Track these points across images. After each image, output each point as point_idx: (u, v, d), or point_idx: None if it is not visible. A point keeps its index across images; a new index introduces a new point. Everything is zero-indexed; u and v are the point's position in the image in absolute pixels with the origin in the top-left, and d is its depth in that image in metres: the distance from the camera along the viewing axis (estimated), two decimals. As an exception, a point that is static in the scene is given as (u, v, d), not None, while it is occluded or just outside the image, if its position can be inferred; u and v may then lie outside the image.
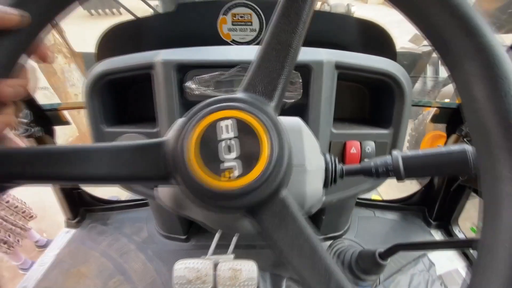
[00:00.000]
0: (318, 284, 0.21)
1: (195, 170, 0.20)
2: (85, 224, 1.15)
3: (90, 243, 1.09)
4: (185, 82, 0.48)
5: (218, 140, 0.21)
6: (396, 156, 0.31)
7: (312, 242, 0.22)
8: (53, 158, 0.22)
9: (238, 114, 0.21)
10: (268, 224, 0.22)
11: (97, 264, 1.02)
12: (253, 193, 0.20)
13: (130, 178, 0.23)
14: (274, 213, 0.22)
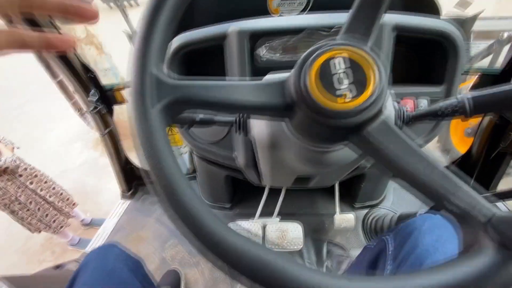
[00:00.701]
0: (436, 180, 0.24)
1: (317, 96, 0.26)
2: (138, 196, 1.27)
3: (144, 212, 1.20)
4: (256, 50, 0.54)
5: (333, 73, 0.26)
6: (462, 96, 0.36)
7: (417, 147, 0.27)
8: (217, 87, 0.28)
9: (347, 51, 0.27)
10: (376, 138, 0.27)
11: (153, 229, 1.14)
12: (364, 112, 0.26)
13: (265, 108, 0.29)
14: (380, 129, 0.27)
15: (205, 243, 0.22)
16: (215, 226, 0.23)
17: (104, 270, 0.47)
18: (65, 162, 2.88)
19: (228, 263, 0.22)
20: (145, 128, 0.24)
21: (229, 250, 0.22)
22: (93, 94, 0.91)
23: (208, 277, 0.98)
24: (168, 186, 0.23)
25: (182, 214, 0.23)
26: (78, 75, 0.86)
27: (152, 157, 0.24)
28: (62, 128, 3.35)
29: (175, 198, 0.23)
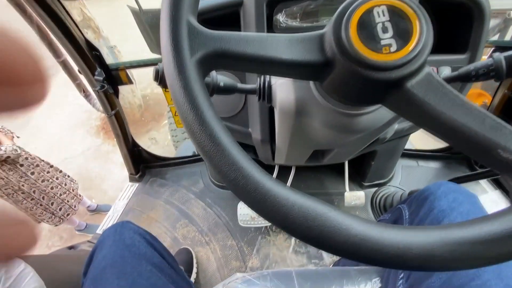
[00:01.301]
0: (487, 130, 0.23)
1: (360, 48, 0.25)
2: (146, 178, 1.27)
3: (153, 193, 1.21)
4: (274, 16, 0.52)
5: (375, 24, 0.25)
6: (498, 56, 0.34)
7: (464, 98, 0.25)
8: (255, 41, 0.27)
9: (388, 1, 0.25)
10: (420, 91, 0.25)
11: (163, 210, 1.14)
12: (408, 64, 0.24)
13: (303, 64, 0.27)
14: (424, 82, 0.25)
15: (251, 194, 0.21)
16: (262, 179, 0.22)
17: (123, 243, 0.47)
18: (68, 149, 2.87)
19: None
20: (184, 80, 0.23)
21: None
22: (99, 73, 0.89)
23: (220, 254, 0.99)
24: (214, 137, 0.22)
25: (230, 168, 0.22)
26: (83, 53, 0.83)
27: (192, 110, 0.23)
28: (63, 115, 3.33)
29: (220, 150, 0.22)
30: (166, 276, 0.43)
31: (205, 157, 0.23)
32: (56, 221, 1.77)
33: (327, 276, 0.45)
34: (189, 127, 0.23)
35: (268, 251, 1.00)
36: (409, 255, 0.19)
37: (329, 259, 0.95)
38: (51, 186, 1.63)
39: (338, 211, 0.21)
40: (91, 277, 0.43)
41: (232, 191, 0.22)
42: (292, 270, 0.46)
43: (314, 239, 0.21)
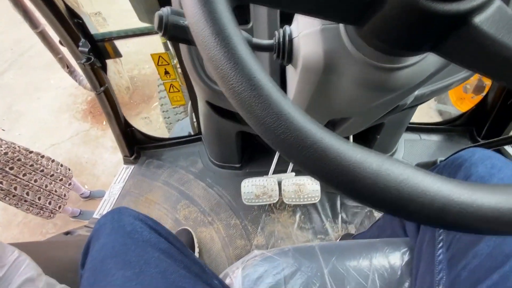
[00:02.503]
0: None
1: None
2: (141, 160, 1.21)
3: (150, 175, 1.16)
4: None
5: None
6: None
7: None
8: None
9: None
10: (491, 29, 0.21)
11: (162, 192, 1.10)
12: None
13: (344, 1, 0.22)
14: (497, 16, 0.21)
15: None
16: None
17: (123, 230, 0.42)
18: (54, 135, 2.75)
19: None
20: (209, 5, 0.18)
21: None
22: (84, 44, 0.80)
23: (224, 234, 0.97)
24: (252, 80, 0.18)
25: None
26: (64, 21, 0.74)
27: (222, 45, 0.18)
28: (46, 99, 3.15)
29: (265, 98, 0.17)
30: (177, 261, 0.39)
31: (241, 105, 0.18)
32: (46, 215, 1.65)
33: (351, 249, 0.42)
34: (218, 67, 0.18)
35: (273, 228, 0.98)
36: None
37: (334, 234, 0.95)
38: (34, 178, 1.49)
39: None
40: (90, 268, 0.39)
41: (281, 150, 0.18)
42: (315, 245, 0.43)
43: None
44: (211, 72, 0.19)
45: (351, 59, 0.32)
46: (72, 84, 3.29)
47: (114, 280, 0.34)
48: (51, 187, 1.62)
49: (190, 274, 0.38)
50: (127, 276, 0.34)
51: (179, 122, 1.73)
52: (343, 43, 0.32)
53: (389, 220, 0.55)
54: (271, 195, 0.91)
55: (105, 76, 0.94)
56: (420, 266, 0.38)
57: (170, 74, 0.99)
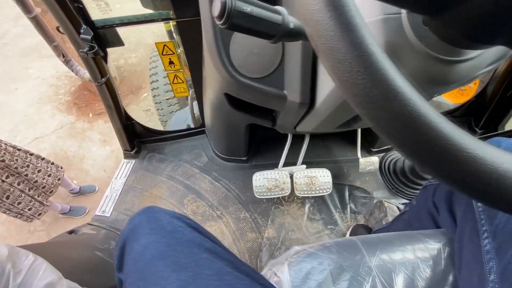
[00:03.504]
0: None
1: None
2: (142, 154, 1.17)
3: (153, 170, 1.12)
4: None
5: None
6: None
7: None
8: None
9: None
10: None
11: (167, 187, 1.07)
12: None
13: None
14: None
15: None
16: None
17: (163, 230, 0.39)
18: (37, 128, 2.60)
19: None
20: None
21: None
22: (86, 31, 0.74)
23: (234, 227, 0.96)
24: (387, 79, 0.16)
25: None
26: (65, 4, 0.68)
27: (350, 38, 0.16)
28: (25, 90, 2.96)
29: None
30: (225, 261, 0.38)
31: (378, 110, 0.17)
32: (24, 219, 1.55)
33: (393, 241, 0.43)
34: (346, 65, 0.16)
35: (283, 220, 0.98)
36: None
37: (343, 224, 0.96)
38: (17, 181, 1.39)
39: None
40: (136, 271, 0.36)
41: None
42: (356, 239, 0.43)
43: None
44: (339, 77, 0.17)
45: (412, 51, 0.31)
46: (52, 74, 3.10)
47: (169, 284, 0.32)
48: (32, 192, 1.51)
49: (242, 275, 0.36)
50: (182, 279, 0.33)
51: (176, 114, 1.68)
52: (405, 34, 0.31)
53: (417, 213, 0.56)
54: (283, 188, 0.91)
55: (107, 66, 0.88)
56: (464, 257, 0.39)
57: (175, 64, 0.95)
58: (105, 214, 0.99)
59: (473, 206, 0.41)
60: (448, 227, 0.44)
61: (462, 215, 0.43)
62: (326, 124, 0.63)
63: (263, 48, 0.50)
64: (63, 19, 0.70)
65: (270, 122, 0.80)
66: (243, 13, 0.27)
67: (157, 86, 1.88)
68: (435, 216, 0.50)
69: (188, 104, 1.40)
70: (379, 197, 1.00)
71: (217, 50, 0.51)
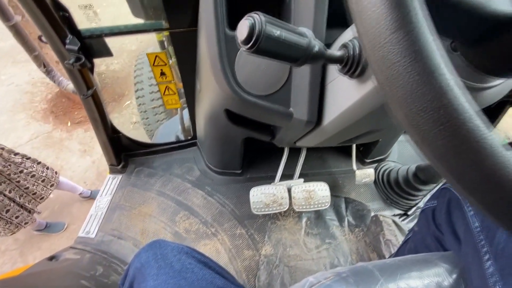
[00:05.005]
0: None
1: None
2: (130, 169, 1.11)
3: (142, 185, 1.06)
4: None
5: None
6: None
7: None
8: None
9: None
10: None
11: (157, 204, 1.01)
12: None
13: (484, 16, 0.20)
14: None
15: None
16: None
17: (171, 269, 0.36)
18: (10, 137, 2.43)
19: None
20: (412, 25, 0.14)
21: None
22: (72, 42, 0.69)
23: (230, 245, 0.92)
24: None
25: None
26: (49, 13, 0.63)
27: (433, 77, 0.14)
28: (-4, 97, 2.77)
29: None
30: None
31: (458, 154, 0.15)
32: (12, 228, 1.48)
33: (408, 266, 0.41)
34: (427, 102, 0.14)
35: (279, 236, 0.96)
36: None
37: (342, 237, 0.95)
38: (8, 189, 1.36)
39: None
40: None
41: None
42: (371, 267, 0.41)
43: None
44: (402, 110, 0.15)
45: None
46: (27, 80, 2.92)
47: None
48: (23, 200, 1.46)
49: None
50: None
51: (163, 124, 1.62)
52: None
53: (422, 240, 0.54)
54: (281, 203, 0.88)
55: (93, 77, 0.83)
56: (472, 280, 0.38)
57: (167, 76, 0.91)
58: (90, 235, 0.91)
59: (470, 226, 0.41)
60: (455, 249, 0.44)
61: (464, 236, 0.42)
62: (329, 141, 0.62)
63: (270, 64, 0.48)
64: (46, 28, 0.64)
65: (268, 137, 0.78)
66: (272, 37, 0.24)
67: (142, 94, 1.81)
68: (441, 239, 0.49)
69: (178, 114, 1.35)
70: (374, 208, 1.00)
71: (222, 67, 0.49)
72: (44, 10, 0.62)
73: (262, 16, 0.24)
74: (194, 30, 0.75)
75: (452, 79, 0.14)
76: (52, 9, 0.64)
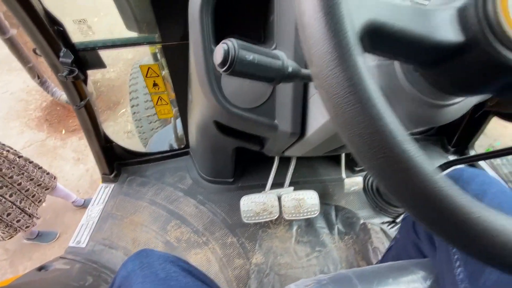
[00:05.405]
0: None
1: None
2: (122, 178, 1.11)
3: (134, 194, 1.07)
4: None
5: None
6: None
7: None
8: (416, 14, 0.21)
9: None
10: None
11: (149, 213, 1.02)
12: None
13: (430, 45, 0.22)
14: None
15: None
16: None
17: (156, 278, 0.37)
18: (3, 146, 2.41)
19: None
20: (348, 63, 0.16)
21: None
22: (66, 54, 0.71)
23: (221, 254, 0.93)
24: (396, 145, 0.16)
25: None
26: (44, 28, 0.65)
27: (367, 106, 0.16)
28: (-10, 105, 2.76)
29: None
30: None
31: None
32: (11, 231, 1.49)
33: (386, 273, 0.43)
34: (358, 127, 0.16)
35: (270, 244, 0.97)
36: None
37: (331, 245, 0.96)
38: (9, 193, 1.37)
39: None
40: None
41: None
42: (351, 274, 0.43)
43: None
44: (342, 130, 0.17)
45: (403, 95, 0.32)
46: (22, 88, 2.93)
47: None
48: (23, 203, 1.47)
49: None
50: None
51: (157, 133, 1.63)
52: (398, 80, 0.32)
53: (403, 247, 0.56)
54: (271, 211, 0.90)
55: (86, 89, 0.85)
56: (446, 286, 0.40)
57: (159, 87, 0.93)
58: (80, 245, 0.91)
59: None
60: (432, 256, 0.45)
61: (438, 244, 0.44)
62: (315, 151, 0.64)
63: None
64: (41, 42, 0.66)
65: (258, 146, 0.80)
66: (245, 61, 0.27)
67: (137, 103, 1.83)
68: (420, 246, 0.51)
69: (171, 123, 1.36)
70: (364, 216, 1.02)
71: (209, 81, 0.51)
72: (39, 24, 0.64)
73: (235, 42, 0.26)
74: (186, 44, 0.78)
75: (382, 108, 0.16)
76: (47, 23, 0.66)
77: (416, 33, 0.21)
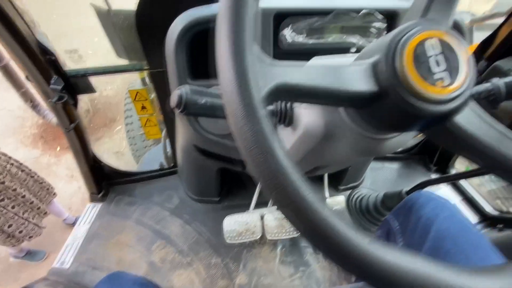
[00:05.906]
0: None
1: (416, 81, 0.24)
2: (110, 197, 1.13)
3: (121, 214, 1.08)
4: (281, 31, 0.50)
5: (427, 57, 0.25)
6: (496, 81, 0.38)
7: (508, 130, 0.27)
8: (323, 73, 0.25)
9: (439, 34, 0.26)
10: (467, 126, 0.27)
11: (134, 232, 1.03)
12: (458, 98, 0.25)
13: (350, 94, 0.26)
14: (471, 116, 0.27)
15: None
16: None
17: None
18: (-4, 163, 2.42)
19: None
20: (255, 123, 0.20)
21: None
22: (56, 82, 0.75)
23: (205, 275, 0.93)
24: (299, 196, 0.19)
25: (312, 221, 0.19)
26: (35, 57, 0.69)
27: (269, 159, 0.19)
28: (-14, 123, 2.80)
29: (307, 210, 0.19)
30: None
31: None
32: (13, 241, 1.50)
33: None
34: (262, 176, 0.20)
35: (254, 264, 0.97)
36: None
37: (315, 264, 0.97)
38: (12, 205, 1.39)
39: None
40: None
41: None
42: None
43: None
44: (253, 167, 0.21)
45: (347, 130, 0.36)
46: (20, 105, 2.97)
47: None
48: (27, 215, 1.49)
49: None
50: None
51: (149, 151, 1.66)
52: (341, 117, 0.36)
53: None
54: (254, 231, 0.91)
55: (76, 113, 0.88)
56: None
57: (147, 109, 0.97)
58: (64, 266, 0.92)
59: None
60: None
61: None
62: None
63: None
64: (33, 71, 0.70)
65: (240, 167, 0.83)
66: (197, 105, 0.30)
67: (131, 121, 1.87)
68: None
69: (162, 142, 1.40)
70: None
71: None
72: (30, 55, 0.68)
73: (188, 89, 0.30)
74: None
75: (281, 158, 0.20)
76: (39, 54, 0.71)
77: (330, 87, 0.25)
